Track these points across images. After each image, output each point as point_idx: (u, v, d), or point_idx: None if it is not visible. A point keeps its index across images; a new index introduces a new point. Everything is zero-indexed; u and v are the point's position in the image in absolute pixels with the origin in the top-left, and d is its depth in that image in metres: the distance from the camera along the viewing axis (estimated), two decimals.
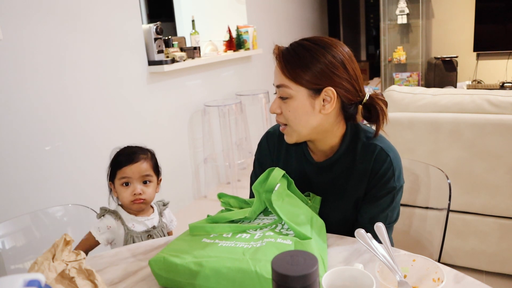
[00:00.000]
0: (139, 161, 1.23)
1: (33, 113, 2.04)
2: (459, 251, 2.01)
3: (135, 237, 1.23)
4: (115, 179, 1.25)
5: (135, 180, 1.23)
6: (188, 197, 3.28)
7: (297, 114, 1.00)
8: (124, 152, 1.26)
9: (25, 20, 1.99)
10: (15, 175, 1.97)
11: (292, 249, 0.82)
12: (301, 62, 0.98)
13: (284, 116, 1.03)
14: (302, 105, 1.00)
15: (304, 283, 0.50)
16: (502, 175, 1.82)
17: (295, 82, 0.98)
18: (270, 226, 0.96)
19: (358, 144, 1.06)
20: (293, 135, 1.05)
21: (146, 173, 1.24)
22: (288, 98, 1.00)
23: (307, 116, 1.01)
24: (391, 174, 1.03)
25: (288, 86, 0.99)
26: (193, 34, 3.29)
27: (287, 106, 1.01)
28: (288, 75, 0.99)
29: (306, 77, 0.97)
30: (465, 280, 0.82)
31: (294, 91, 0.99)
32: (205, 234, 0.96)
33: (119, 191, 1.24)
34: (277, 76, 1.02)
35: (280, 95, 1.02)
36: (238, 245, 0.88)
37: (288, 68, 0.99)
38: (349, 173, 1.07)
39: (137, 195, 1.22)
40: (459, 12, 5.02)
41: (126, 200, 1.24)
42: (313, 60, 0.97)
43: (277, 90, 1.02)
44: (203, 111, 3.32)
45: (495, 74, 4.89)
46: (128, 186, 1.23)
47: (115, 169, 1.24)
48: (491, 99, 1.84)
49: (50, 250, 0.77)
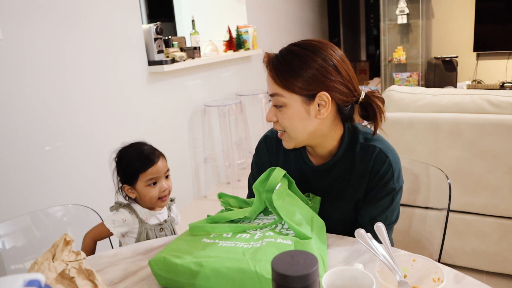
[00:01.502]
0: (159, 159, 1.28)
1: (33, 113, 2.04)
2: (459, 251, 2.01)
3: (149, 229, 1.29)
4: (136, 183, 1.27)
5: (160, 178, 1.28)
6: (188, 197, 3.28)
7: (293, 121, 1.00)
8: (139, 154, 1.28)
9: (25, 20, 1.99)
10: (15, 175, 1.97)
11: (292, 249, 0.82)
12: (292, 70, 0.96)
13: (280, 124, 1.02)
14: (297, 112, 0.99)
15: (304, 283, 0.50)
16: (502, 175, 1.82)
17: (287, 90, 0.97)
18: (270, 226, 0.96)
19: (356, 146, 1.05)
20: (291, 142, 1.05)
21: (167, 168, 1.31)
22: (282, 106, 0.99)
23: (303, 123, 1.00)
24: (391, 176, 1.02)
25: (281, 94, 0.98)
26: (193, 34, 3.29)
27: (282, 114, 1.00)
28: (280, 84, 0.97)
29: (298, 84, 0.96)
30: (465, 280, 0.82)
31: (287, 99, 0.98)
32: (205, 234, 0.96)
33: (146, 192, 1.27)
34: (270, 85, 1.01)
35: (274, 104, 1.01)
36: (238, 245, 0.88)
37: (280, 76, 0.97)
38: (348, 175, 1.07)
39: (165, 191, 1.29)
40: (459, 12, 5.02)
41: (154, 199, 1.29)
42: (303, 66, 0.96)
43: (271, 98, 1.02)
44: (203, 111, 3.32)
45: (495, 74, 4.89)
46: (155, 185, 1.28)
47: (136, 173, 1.26)
48: (491, 99, 1.84)
49: (50, 250, 0.77)
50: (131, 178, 1.27)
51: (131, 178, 1.27)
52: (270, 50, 1.05)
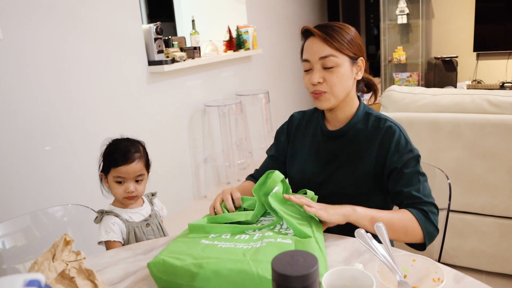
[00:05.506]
0: (134, 161, 1.26)
1: (33, 113, 2.04)
2: (459, 251, 2.01)
3: (135, 227, 1.27)
4: (108, 174, 1.28)
5: (128, 180, 1.27)
6: (188, 197, 3.28)
7: (342, 79, 1.13)
8: (119, 149, 1.28)
9: (26, 20, 1.99)
10: (15, 175, 1.97)
11: (292, 248, 0.82)
12: (341, 35, 1.13)
13: (328, 83, 1.13)
14: (346, 71, 1.14)
15: (304, 283, 0.50)
16: (502, 175, 1.82)
17: (340, 51, 1.12)
18: (269, 227, 0.96)
19: (370, 117, 1.19)
20: (331, 100, 1.15)
21: (139, 173, 1.28)
22: (334, 67, 1.12)
23: (348, 82, 1.15)
24: (404, 141, 1.12)
25: (335, 55, 1.12)
26: (193, 34, 3.29)
27: (332, 74, 1.12)
28: (334, 46, 1.11)
29: (350, 46, 1.13)
30: (465, 280, 0.82)
31: (340, 60, 1.12)
32: (204, 235, 0.96)
33: (112, 186, 1.28)
34: (320, 49, 1.12)
35: (325, 66, 1.12)
36: (238, 246, 0.87)
37: (334, 40, 1.11)
38: (360, 141, 1.17)
39: (130, 193, 1.27)
40: (459, 12, 5.02)
41: (119, 196, 1.28)
42: (347, 34, 1.14)
43: (320, 61, 1.12)
44: (203, 111, 3.32)
45: (495, 74, 4.88)
46: (121, 184, 1.27)
47: (110, 165, 1.27)
48: (491, 99, 1.84)
49: (50, 250, 0.77)
50: (105, 168, 1.29)
51: (105, 168, 1.29)
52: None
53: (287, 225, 0.96)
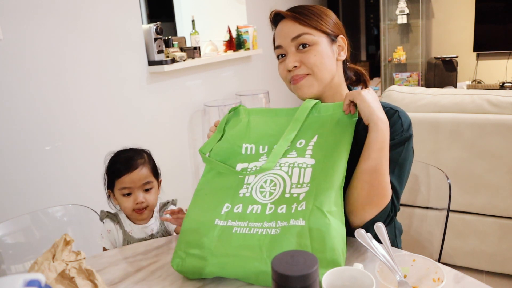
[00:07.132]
0: (137, 168, 1.17)
1: (33, 113, 2.04)
2: (459, 251, 2.01)
3: (132, 243, 1.20)
4: (114, 189, 1.19)
5: (136, 189, 1.17)
6: (188, 197, 3.26)
7: (322, 58, 1.03)
8: (120, 158, 1.19)
9: (25, 20, 1.99)
10: (15, 175, 1.97)
11: (306, 229, 0.81)
12: (315, 13, 1.05)
13: (306, 65, 1.04)
14: (325, 50, 1.04)
15: (304, 283, 0.50)
16: (502, 175, 1.82)
17: (315, 28, 1.03)
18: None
19: None
20: (314, 84, 1.05)
21: (146, 180, 1.18)
22: (310, 45, 1.03)
23: (330, 61, 1.05)
24: (400, 125, 1.01)
25: (310, 33, 1.03)
26: (193, 34, 3.29)
27: (309, 54, 1.03)
28: (307, 24, 1.03)
29: (324, 23, 1.04)
30: (465, 280, 0.82)
31: (316, 37, 1.03)
32: (216, 201, 0.98)
33: (120, 201, 1.19)
34: (291, 29, 1.04)
35: (299, 45, 1.03)
36: (253, 231, 0.86)
37: (306, 17, 1.03)
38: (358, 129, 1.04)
39: (139, 204, 1.17)
40: (459, 12, 5.02)
41: (129, 210, 1.19)
42: (321, 11, 1.06)
43: (293, 43, 1.04)
44: (203, 111, 3.32)
45: (495, 74, 4.88)
46: (129, 196, 1.18)
47: (113, 178, 1.18)
48: (491, 99, 1.84)
49: (50, 250, 0.77)
50: (109, 182, 1.20)
51: (109, 182, 1.20)
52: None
53: None
